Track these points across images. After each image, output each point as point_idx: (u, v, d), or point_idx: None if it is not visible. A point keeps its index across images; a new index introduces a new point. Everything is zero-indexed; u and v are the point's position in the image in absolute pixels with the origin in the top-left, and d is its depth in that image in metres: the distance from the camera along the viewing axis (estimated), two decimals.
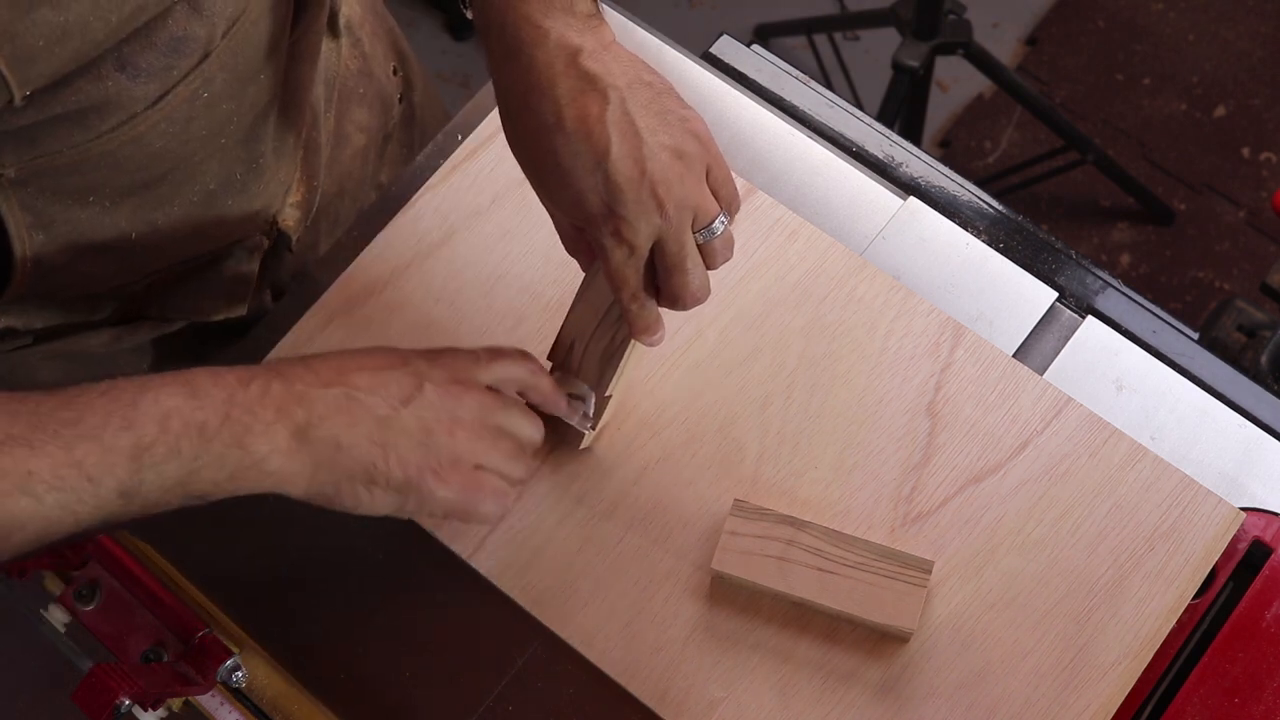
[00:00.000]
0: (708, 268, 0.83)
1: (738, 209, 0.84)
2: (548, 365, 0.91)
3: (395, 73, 1.19)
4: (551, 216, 0.86)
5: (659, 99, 0.79)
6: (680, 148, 0.79)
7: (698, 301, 0.84)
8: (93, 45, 0.74)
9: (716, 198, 0.81)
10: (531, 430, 0.86)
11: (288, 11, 0.90)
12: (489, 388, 0.84)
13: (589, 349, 0.90)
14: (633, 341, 0.88)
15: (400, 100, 1.19)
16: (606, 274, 0.82)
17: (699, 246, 0.82)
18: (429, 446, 0.80)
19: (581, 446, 0.94)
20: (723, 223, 0.82)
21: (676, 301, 0.83)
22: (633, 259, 0.80)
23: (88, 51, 0.74)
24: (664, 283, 0.83)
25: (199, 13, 0.78)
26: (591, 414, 0.90)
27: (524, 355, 0.86)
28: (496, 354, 0.85)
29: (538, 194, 0.84)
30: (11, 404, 0.71)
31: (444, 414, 0.81)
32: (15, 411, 0.70)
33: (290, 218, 1.05)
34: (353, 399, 0.79)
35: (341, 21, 1.10)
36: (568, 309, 0.91)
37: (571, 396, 0.89)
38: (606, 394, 0.90)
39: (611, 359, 0.89)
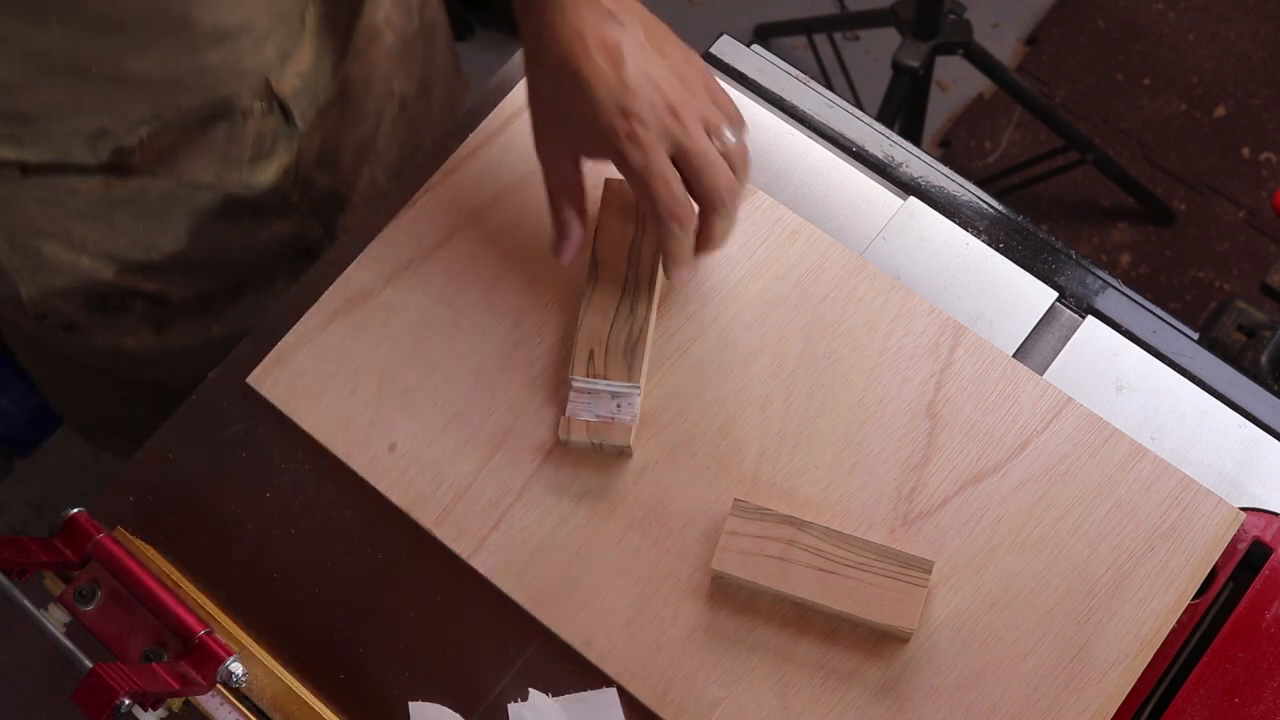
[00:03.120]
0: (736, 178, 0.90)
1: (742, 123, 0.92)
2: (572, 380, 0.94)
3: None
4: (553, 167, 0.91)
5: (664, 37, 0.90)
6: (682, 71, 0.89)
7: (733, 196, 0.89)
8: None
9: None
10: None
11: None
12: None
13: (609, 350, 0.94)
14: (648, 325, 0.95)
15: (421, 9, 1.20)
16: (636, 184, 0.87)
17: (720, 152, 0.89)
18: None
19: (630, 445, 0.94)
20: (733, 131, 0.90)
21: (712, 200, 0.89)
22: (654, 158, 0.86)
23: None
24: (697, 186, 0.88)
25: None
26: (635, 409, 0.94)
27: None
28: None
29: (550, 135, 0.90)
30: None
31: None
32: None
33: (289, 85, 1.04)
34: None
35: None
36: (576, 314, 0.96)
37: (612, 395, 0.94)
38: (639, 384, 0.94)
39: (635, 349, 0.94)
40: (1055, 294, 1.01)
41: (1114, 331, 0.99)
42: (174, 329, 1.14)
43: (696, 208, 0.90)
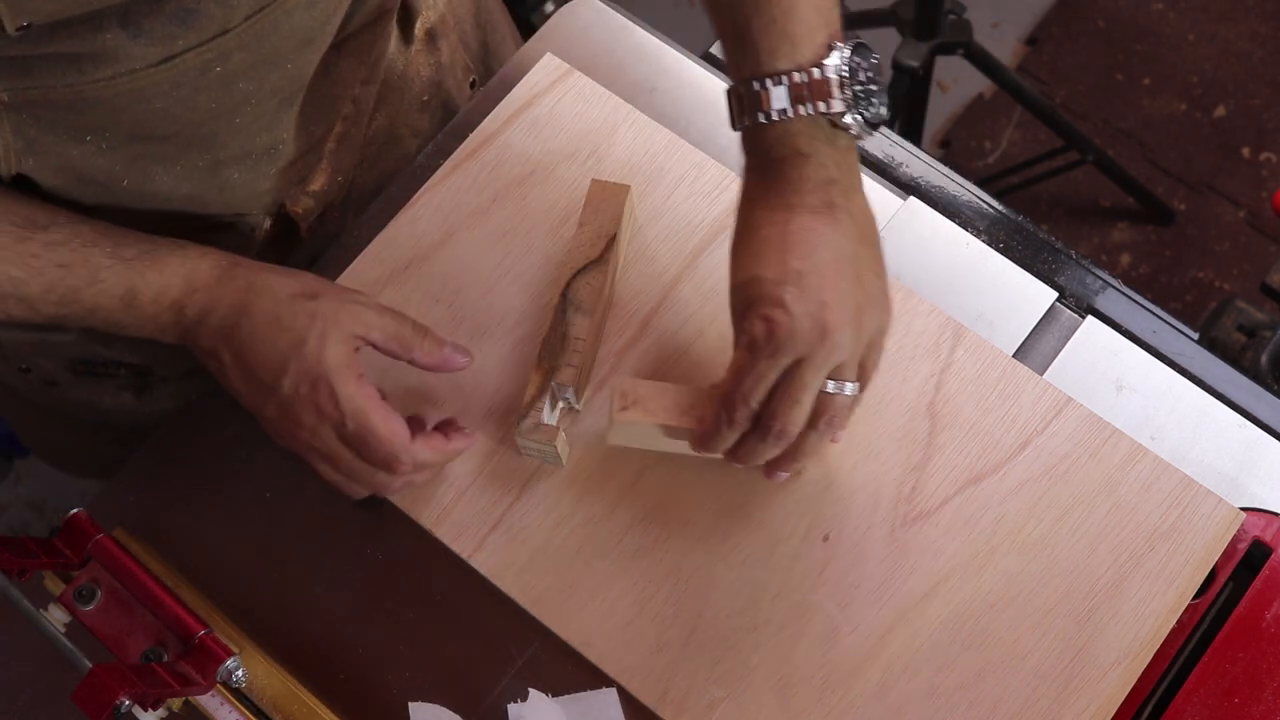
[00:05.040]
0: (809, 424, 0.84)
1: (867, 381, 0.85)
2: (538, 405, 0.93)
3: (472, 85, 1.19)
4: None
5: (874, 263, 0.83)
6: (864, 308, 0.82)
7: (779, 440, 0.84)
8: None
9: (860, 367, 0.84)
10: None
11: (335, 9, 0.90)
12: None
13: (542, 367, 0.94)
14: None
15: None
16: (734, 365, 0.83)
17: (819, 396, 0.83)
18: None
19: (554, 446, 0.93)
20: (853, 390, 0.83)
21: (765, 429, 0.83)
22: (766, 353, 0.81)
23: (92, 1, 0.74)
24: (769, 402, 0.83)
25: None
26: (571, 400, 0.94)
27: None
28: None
29: (733, 254, 0.84)
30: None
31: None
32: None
33: (302, 205, 1.05)
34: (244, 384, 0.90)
35: (419, 29, 1.10)
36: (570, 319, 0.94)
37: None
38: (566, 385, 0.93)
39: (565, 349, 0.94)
40: (1055, 294, 1.01)
41: (1114, 331, 0.99)
42: (155, 393, 1.14)
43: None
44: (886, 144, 1.08)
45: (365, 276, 1.02)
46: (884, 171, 1.07)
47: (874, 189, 1.05)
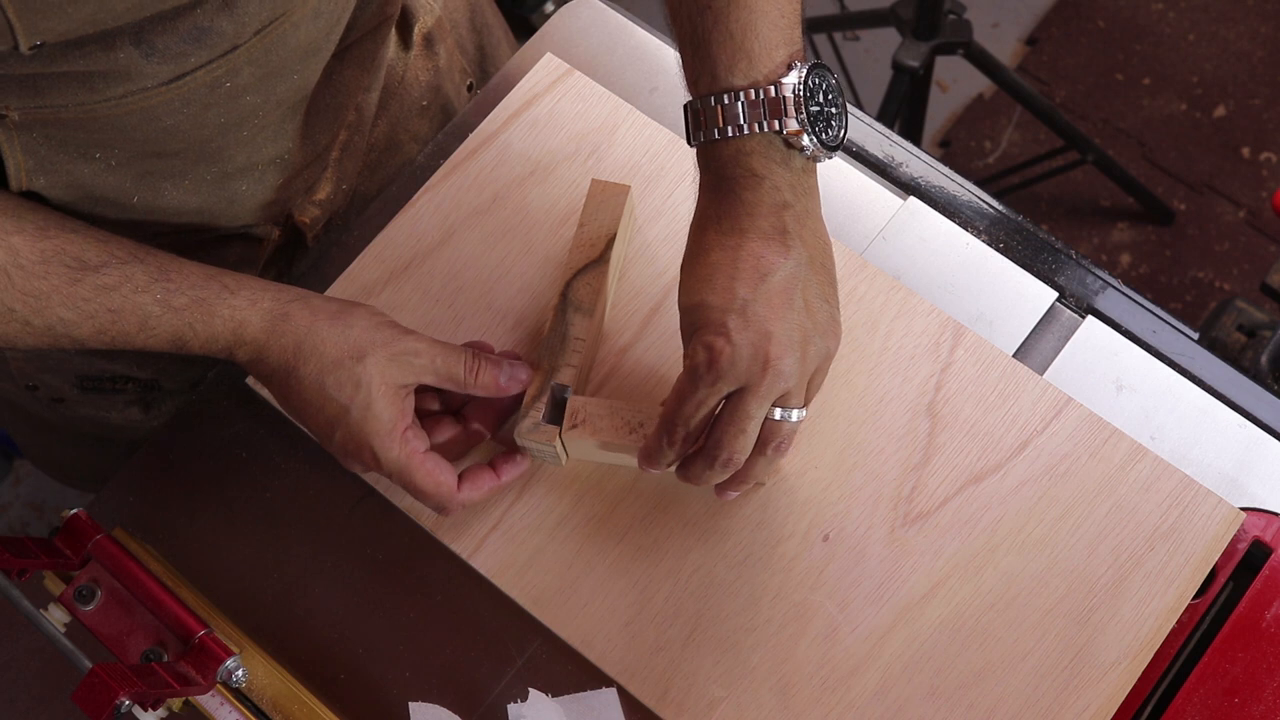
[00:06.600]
0: (756, 450, 0.84)
1: (808, 405, 0.85)
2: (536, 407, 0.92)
3: (470, 89, 1.19)
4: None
5: (824, 289, 0.83)
6: (810, 336, 0.82)
7: (725, 468, 0.84)
8: (111, 16, 0.74)
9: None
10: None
11: (339, 19, 0.90)
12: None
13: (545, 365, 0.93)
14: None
15: None
16: (676, 388, 0.83)
17: (765, 423, 0.83)
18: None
19: (554, 447, 0.92)
20: (800, 416, 0.84)
21: (712, 457, 0.84)
22: (706, 381, 0.81)
23: (105, 20, 0.74)
24: (714, 431, 0.83)
25: (230, 10, 0.79)
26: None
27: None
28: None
29: (679, 289, 0.84)
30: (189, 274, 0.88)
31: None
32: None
33: (308, 214, 1.05)
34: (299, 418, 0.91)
35: (417, 34, 1.10)
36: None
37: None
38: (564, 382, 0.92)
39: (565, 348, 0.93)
40: (1055, 294, 1.01)
41: (1114, 331, 0.99)
42: (162, 407, 1.15)
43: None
44: (886, 144, 1.08)
45: (365, 276, 1.02)
46: (884, 171, 1.07)
47: (874, 189, 1.05)
